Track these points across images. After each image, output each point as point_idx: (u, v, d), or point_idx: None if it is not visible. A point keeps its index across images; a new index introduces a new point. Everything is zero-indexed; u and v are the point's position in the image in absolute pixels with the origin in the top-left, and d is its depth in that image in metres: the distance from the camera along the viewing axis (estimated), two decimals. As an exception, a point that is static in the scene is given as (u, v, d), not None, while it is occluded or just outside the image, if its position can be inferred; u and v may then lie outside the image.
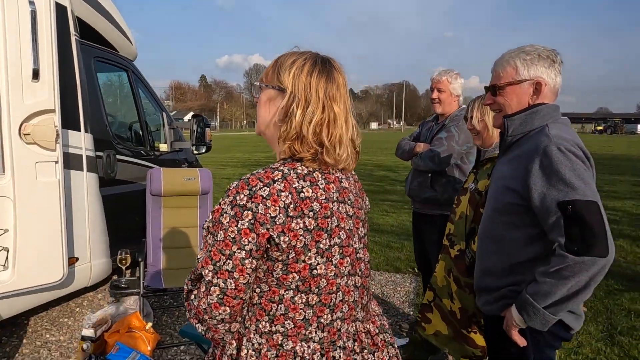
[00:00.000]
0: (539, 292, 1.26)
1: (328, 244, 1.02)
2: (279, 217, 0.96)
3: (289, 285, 1.01)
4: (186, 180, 3.46)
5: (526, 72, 1.42)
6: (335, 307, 1.06)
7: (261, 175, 0.99)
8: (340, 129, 1.05)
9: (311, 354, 1.04)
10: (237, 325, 1.06)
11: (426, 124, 2.96)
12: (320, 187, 1.03)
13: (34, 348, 2.87)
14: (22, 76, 2.33)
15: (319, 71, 1.05)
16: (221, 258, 0.97)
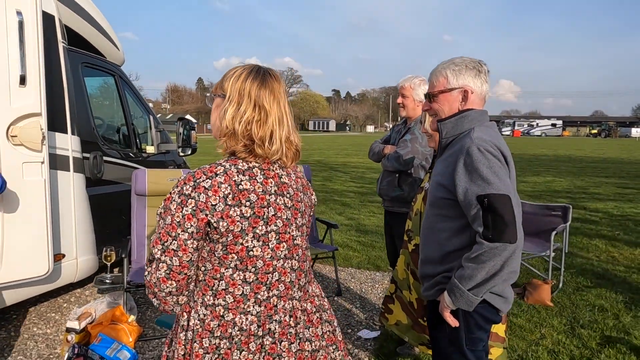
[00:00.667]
0: (463, 275, 1.43)
1: (264, 230, 1.18)
2: (219, 205, 1.13)
3: (228, 264, 1.18)
4: (170, 180, 3.60)
5: (455, 81, 1.60)
6: (271, 285, 1.22)
7: (206, 169, 1.16)
8: (272, 126, 1.21)
9: (249, 325, 1.19)
10: (184, 298, 1.22)
11: (396, 127, 3.13)
12: (259, 181, 1.19)
13: (21, 340, 3.00)
14: (9, 81, 2.48)
15: (253, 78, 1.22)
16: (168, 239, 1.14)
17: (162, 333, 3.13)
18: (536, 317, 3.44)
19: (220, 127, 1.22)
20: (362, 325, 3.33)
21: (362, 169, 14.97)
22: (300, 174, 1.36)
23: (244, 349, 1.18)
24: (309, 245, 1.38)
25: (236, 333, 1.18)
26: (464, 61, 1.60)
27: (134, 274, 3.27)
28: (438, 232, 1.61)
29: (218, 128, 1.23)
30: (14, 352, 2.85)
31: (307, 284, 1.34)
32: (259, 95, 1.20)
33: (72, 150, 3.14)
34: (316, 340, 1.31)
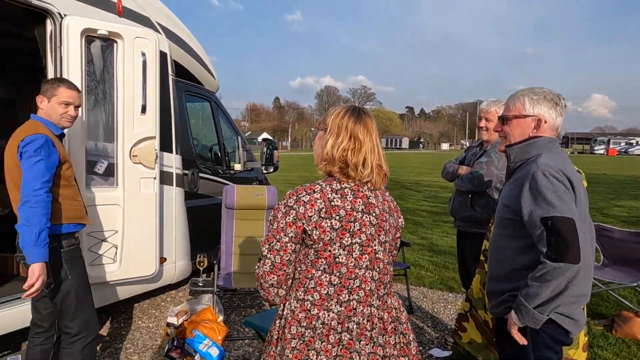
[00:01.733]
0: (528, 294, 1.50)
1: (350, 241, 1.41)
2: (314, 216, 1.39)
3: (318, 267, 1.42)
4: (255, 195, 3.97)
5: (532, 109, 1.70)
6: (352, 290, 1.43)
7: (306, 187, 1.44)
8: (365, 154, 1.45)
9: (330, 320, 1.41)
10: (283, 292, 1.48)
11: (471, 148, 3.20)
12: (348, 199, 1.43)
13: (129, 332, 3.47)
14: (133, 111, 2.98)
15: (350, 115, 1.49)
16: (274, 240, 1.41)
17: (245, 335, 3.43)
18: (625, 352, 3.23)
19: (321, 154, 1.49)
20: (433, 344, 3.37)
21: (435, 187, 14.69)
22: (389, 198, 1.57)
23: (324, 340, 1.40)
24: (391, 261, 1.56)
25: (319, 325, 1.40)
26: (543, 92, 1.70)
27: (222, 279, 3.64)
28: (504, 251, 1.69)
29: (319, 155, 1.50)
30: (124, 341, 3.31)
31: (386, 296, 1.51)
32: (354, 128, 1.45)
33: (176, 167, 3.62)
34: (388, 347, 1.47)
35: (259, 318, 2.65)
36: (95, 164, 2.91)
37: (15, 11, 3.09)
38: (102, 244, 2.94)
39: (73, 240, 2.23)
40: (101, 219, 2.91)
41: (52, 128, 2.21)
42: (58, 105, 2.20)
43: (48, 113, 2.22)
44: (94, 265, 2.92)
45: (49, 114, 2.22)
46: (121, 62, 2.94)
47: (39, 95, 2.22)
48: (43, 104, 2.22)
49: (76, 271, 2.21)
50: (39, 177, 2.02)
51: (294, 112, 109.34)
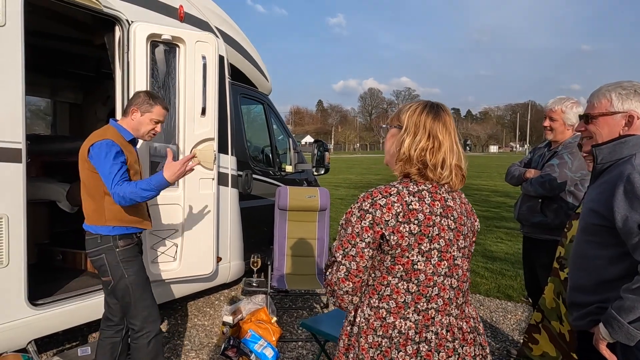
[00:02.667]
0: (622, 307, 1.36)
1: (428, 247, 1.32)
2: (391, 221, 1.30)
3: (395, 274, 1.34)
4: (308, 197, 3.96)
5: (620, 105, 1.54)
6: (430, 299, 1.35)
7: (382, 189, 1.35)
8: (444, 154, 1.36)
9: (407, 330, 1.34)
10: (357, 299, 1.40)
11: (538, 150, 3.01)
12: (426, 202, 1.34)
13: (186, 328, 3.56)
14: (194, 113, 3.05)
15: (427, 112, 1.39)
16: (348, 246, 1.33)
17: (299, 336, 3.42)
18: None
19: (396, 154, 1.41)
20: (494, 355, 3.21)
21: (485, 191, 14.15)
22: (465, 200, 1.47)
23: (401, 350, 1.33)
24: (469, 268, 1.47)
25: (395, 335, 1.33)
26: (633, 85, 1.54)
27: (275, 280, 3.65)
28: (591, 260, 1.55)
29: (394, 154, 1.42)
30: (182, 337, 3.40)
31: (464, 304, 1.43)
32: (433, 127, 1.37)
33: (231, 169, 3.68)
34: (468, 359, 1.38)
35: (315, 321, 2.62)
36: (158, 164, 3.01)
37: (86, 19, 3.27)
38: (164, 243, 3.03)
39: (129, 240, 2.27)
40: (163, 218, 3.00)
41: (124, 134, 2.31)
42: (149, 122, 2.31)
43: (136, 126, 2.32)
44: (155, 263, 3.01)
45: (137, 127, 2.32)
46: (183, 65, 3.02)
47: (132, 105, 2.32)
48: (135, 116, 2.31)
49: (132, 269, 2.26)
50: (113, 173, 2.15)
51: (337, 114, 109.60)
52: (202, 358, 3.07)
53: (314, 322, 2.59)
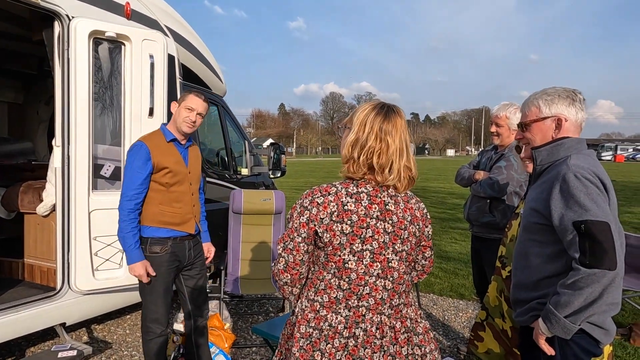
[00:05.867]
0: (559, 302, 1.42)
1: (360, 247, 1.35)
2: (325, 219, 1.34)
3: (329, 270, 1.38)
4: (263, 200, 3.91)
5: (548, 110, 1.64)
6: (361, 297, 1.37)
7: (322, 188, 1.38)
8: (392, 156, 1.36)
9: (337, 324, 1.37)
10: (297, 291, 1.45)
11: (485, 152, 3.12)
12: (363, 204, 1.36)
13: (135, 338, 3.41)
14: (141, 113, 2.94)
15: (377, 112, 1.39)
16: (288, 240, 1.38)
17: (253, 342, 3.35)
18: (645, 362, 3.12)
19: (345, 154, 1.40)
20: (445, 352, 3.28)
21: (442, 194, 14.57)
22: (414, 206, 1.45)
23: (329, 343, 1.36)
24: (409, 271, 1.48)
25: (326, 327, 1.36)
26: (556, 91, 1.64)
27: (229, 285, 3.57)
28: (531, 258, 1.61)
29: (344, 156, 1.42)
30: (129, 347, 3.25)
31: (402, 305, 1.44)
32: (382, 127, 1.36)
33: (183, 171, 3.56)
34: (398, 358, 1.39)
35: (268, 325, 2.58)
36: (102, 167, 2.87)
37: (23, 13, 3.08)
38: (108, 249, 2.89)
39: (159, 247, 2.35)
40: (107, 223, 2.86)
41: (166, 134, 2.39)
42: (184, 109, 2.36)
43: (175, 117, 2.40)
44: (100, 270, 2.86)
45: (175, 118, 2.40)
46: (129, 64, 2.90)
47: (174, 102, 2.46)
48: (174, 109, 2.42)
49: (151, 278, 2.35)
50: (126, 184, 2.29)
51: (299, 118, 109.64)
52: (150, 369, 2.94)
53: (266, 327, 2.55)
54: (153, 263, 2.34)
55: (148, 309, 2.41)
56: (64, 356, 2.56)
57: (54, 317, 2.78)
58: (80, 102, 2.72)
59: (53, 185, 2.87)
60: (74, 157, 2.70)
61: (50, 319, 2.76)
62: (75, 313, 2.90)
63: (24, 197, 3.22)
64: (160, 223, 2.35)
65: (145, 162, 2.27)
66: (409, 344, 1.42)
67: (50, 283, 3.08)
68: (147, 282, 2.33)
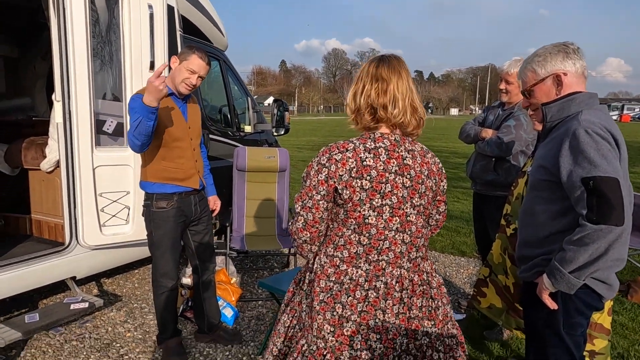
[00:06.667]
0: (564, 258, 1.43)
1: (380, 202, 1.36)
2: (344, 175, 1.34)
3: (349, 226, 1.39)
4: (267, 158, 3.89)
5: (543, 70, 1.61)
6: (381, 251, 1.40)
7: (340, 144, 1.39)
8: (392, 93, 1.37)
9: (357, 277, 1.40)
10: (315, 248, 1.47)
11: (492, 109, 3.05)
12: (381, 160, 1.37)
13: (144, 291, 3.50)
14: (141, 67, 2.86)
15: (375, 61, 1.43)
16: (306, 198, 1.39)
17: (259, 296, 3.44)
18: (640, 317, 3.21)
19: (350, 109, 1.43)
20: (446, 306, 3.37)
21: (445, 153, 14.51)
22: (430, 160, 1.48)
23: (350, 295, 1.40)
24: (426, 225, 1.50)
25: (346, 281, 1.40)
26: (546, 49, 1.61)
27: (235, 241, 3.62)
28: (538, 215, 1.61)
29: (350, 110, 1.44)
30: (139, 300, 3.34)
31: (419, 259, 1.47)
32: (377, 71, 1.40)
33: (186, 128, 3.51)
34: (414, 309, 1.45)
35: (274, 280, 2.63)
36: (104, 123, 2.83)
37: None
38: (114, 206, 2.90)
39: (165, 202, 2.34)
40: (112, 179, 2.86)
41: None
42: (185, 70, 2.27)
43: (174, 74, 2.31)
44: (107, 226, 2.89)
45: (174, 75, 2.31)
46: (127, 15, 2.78)
47: (174, 55, 2.33)
48: (174, 65, 2.32)
49: (159, 232, 2.38)
50: (131, 130, 2.16)
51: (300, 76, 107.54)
52: (160, 320, 3.04)
53: (272, 282, 2.60)
54: (160, 218, 2.35)
55: (157, 263, 2.44)
56: (76, 308, 2.64)
57: (64, 271, 2.84)
58: (78, 55, 2.64)
59: (55, 141, 2.84)
60: (75, 112, 2.65)
61: (60, 272, 2.82)
62: (85, 267, 2.96)
63: (27, 153, 3.20)
64: (164, 179, 2.35)
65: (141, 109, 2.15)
66: (424, 296, 1.46)
67: (58, 238, 3.13)
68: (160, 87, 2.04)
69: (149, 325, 2.96)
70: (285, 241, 3.69)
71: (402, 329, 1.42)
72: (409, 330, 1.43)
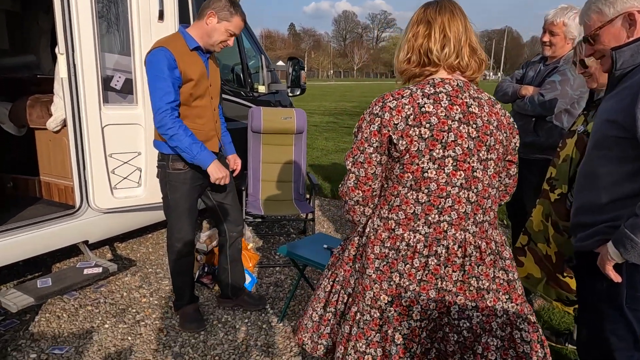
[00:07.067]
0: (636, 225, 1.24)
1: (441, 154, 1.20)
2: (400, 124, 1.19)
3: (405, 183, 1.24)
4: (283, 119, 3.68)
5: (612, 9, 1.37)
6: (443, 210, 1.24)
7: (394, 92, 1.24)
8: (444, 32, 1.23)
9: (415, 243, 1.25)
10: (369, 210, 1.33)
11: (531, 64, 2.78)
12: (443, 105, 1.20)
13: (158, 256, 3.41)
14: (150, 18, 2.63)
15: (427, 5, 1.29)
16: (357, 153, 1.26)
17: (276, 262, 3.34)
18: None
19: (400, 62, 1.29)
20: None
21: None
22: (500, 111, 1.31)
23: (408, 263, 1.26)
24: (495, 185, 1.31)
25: (403, 247, 1.26)
26: None
27: (250, 206, 3.48)
28: (601, 177, 1.42)
29: (401, 62, 1.30)
30: (153, 265, 3.25)
31: (487, 224, 1.31)
32: (425, 14, 1.26)
33: (198, 86, 3.31)
34: (485, 279, 1.30)
35: (293, 246, 2.49)
36: (111, 78, 2.63)
37: None
38: (126, 167, 2.75)
39: (180, 165, 2.17)
40: (123, 139, 2.70)
41: (189, 42, 2.08)
42: (224, 32, 2.09)
43: (209, 32, 2.09)
44: (118, 188, 2.76)
45: (209, 34, 2.09)
46: (133, -42, 2.53)
47: (210, 9, 2.06)
48: (210, 20, 2.07)
49: (175, 195, 2.22)
50: (158, 95, 1.99)
51: (310, 39, 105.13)
52: (176, 285, 2.95)
53: (292, 247, 2.47)
54: (176, 180, 2.20)
55: (173, 228, 2.31)
56: (89, 273, 2.55)
57: (76, 235, 2.73)
58: (81, 2, 2.42)
59: (61, 99, 2.66)
60: (80, 66, 2.46)
61: (72, 236, 2.71)
62: (97, 231, 2.85)
63: (32, 112, 3.04)
64: None
65: (172, 71, 1.99)
66: (495, 266, 1.30)
67: (69, 201, 3.01)
68: (223, 181, 2.14)
69: (165, 290, 2.88)
70: (303, 206, 3.54)
71: (462, 300, 1.29)
72: (473, 302, 1.30)
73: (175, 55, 2.00)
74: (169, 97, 1.99)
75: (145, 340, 2.34)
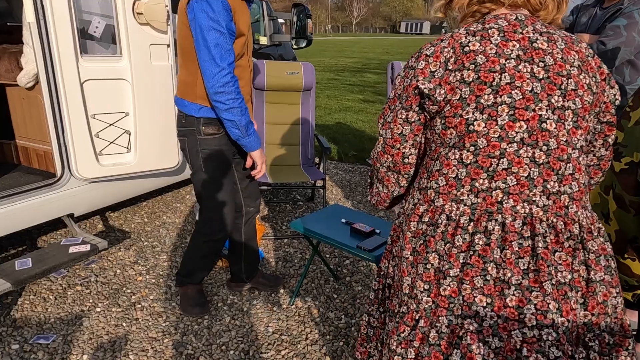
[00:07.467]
0: None
1: (492, 100, 0.92)
2: (438, 71, 0.95)
3: (447, 142, 0.98)
4: (289, 74, 3.28)
5: None
6: (495, 174, 0.93)
7: (434, 39, 1.00)
8: None
9: (459, 216, 0.96)
10: (404, 181, 1.13)
11: (584, 9, 2.38)
12: (493, 42, 0.94)
13: (154, 227, 3.11)
14: (131, -53, 2.18)
15: None
16: (387, 113, 1.07)
17: (283, 233, 3.05)
18: None
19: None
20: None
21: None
22: (583, 48, 0.98)
23: (448, 241, 0.97)
24: (577, 144, 0.95)
25: (442, 221, 0.98)
26: None
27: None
28: None
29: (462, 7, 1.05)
30: (149, 237, 2.96)
31: (566, 197, 0.94)
32: None
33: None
34: (565, 269, 0.93)
35: (306, 220, 2.19)
36: (89, 24, 2.22)
37: None
38: (112, 130, 2.39)
39: (216, 128, 1.83)
40: (106, 97, 2.32)
41: None
42: None
43: None
44: (104, 154, 2.41)
45: None
46: None
47: None
48: None
49: (211, 165, 1.88)
50: (218, 52, 1.63)
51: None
52: (175, 261, 2.67)
53: (306, 223, 2.16)
54: (212, 145, 1.86)
55: (207, 207, 1.97)
56: (75, 251, 2.24)
57: (58, 208, 2.41)
58: None
59: (31, 48, 2.25)
60: (50, 7, 2.04)
61: (53, 209, 2.39)
62: (83, 203, 2.52)
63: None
64: None
65: (230, 23, 1.64)
66: (574, 256, 0.94)
67: (49, 168, 2.67)
68: None
69: (163, 267, 2.60)
70: (312, 172, 3.22)
71: (539, 298, 0.93)
72: (555, 302, 0.93)
73: (231, 4, 1.63)
74: (230, 57, 1.64)
75: (142, 327, 2.08)
